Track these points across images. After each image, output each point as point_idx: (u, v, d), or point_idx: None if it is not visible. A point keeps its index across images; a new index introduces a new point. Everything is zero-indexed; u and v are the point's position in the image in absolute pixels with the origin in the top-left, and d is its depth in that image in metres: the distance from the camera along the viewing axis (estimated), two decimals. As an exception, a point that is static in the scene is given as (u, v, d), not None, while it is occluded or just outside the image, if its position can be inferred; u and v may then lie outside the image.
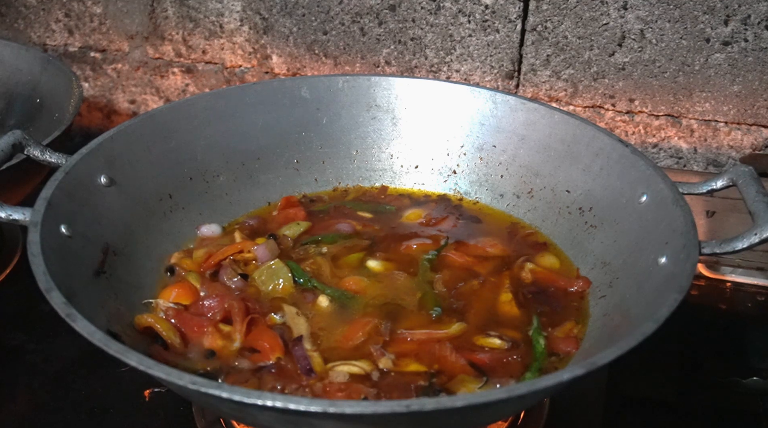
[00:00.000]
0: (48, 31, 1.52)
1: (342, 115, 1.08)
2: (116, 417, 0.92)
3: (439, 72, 1.33)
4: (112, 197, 0.89)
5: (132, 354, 0.63)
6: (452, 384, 0.77)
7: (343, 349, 0.81)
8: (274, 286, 0.89)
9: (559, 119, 0.99)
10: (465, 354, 0.80)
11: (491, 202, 1.05)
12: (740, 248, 0.78)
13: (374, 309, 0.87)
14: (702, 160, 1.29)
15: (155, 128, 0.97)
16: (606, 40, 1.23)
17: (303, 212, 1.02)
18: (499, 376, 0.78)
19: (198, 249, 0.94)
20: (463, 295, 0.89)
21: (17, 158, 0.89)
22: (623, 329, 0.76)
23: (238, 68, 1.44)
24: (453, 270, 0.93)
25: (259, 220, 1.01)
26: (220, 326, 0.83)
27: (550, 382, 0.62)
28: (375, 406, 0.60)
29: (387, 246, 0.97)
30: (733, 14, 1.17)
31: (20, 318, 1.06)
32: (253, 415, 0.65)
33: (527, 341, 0.83)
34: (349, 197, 1.07)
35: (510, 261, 0.95)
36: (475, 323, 0.85)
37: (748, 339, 1.07)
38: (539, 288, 0.91)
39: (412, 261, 0.94)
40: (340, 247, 0.96)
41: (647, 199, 0.87)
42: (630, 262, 0.86)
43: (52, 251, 0.74)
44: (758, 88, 1.21)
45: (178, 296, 0.86)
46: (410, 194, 1.08)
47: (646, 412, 0.96)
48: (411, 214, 1.04)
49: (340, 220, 1.01)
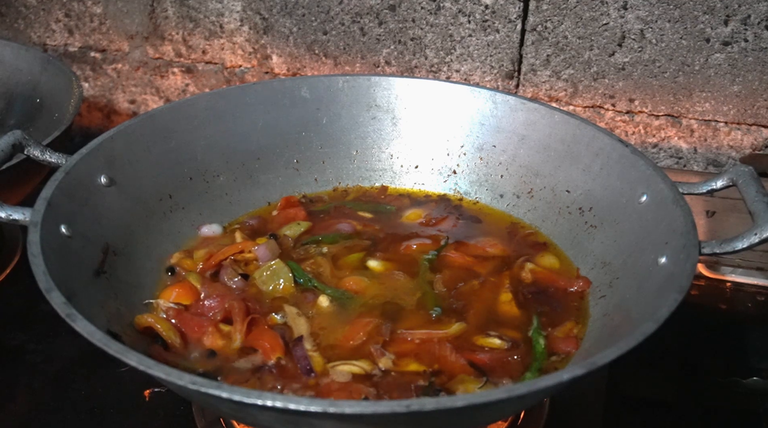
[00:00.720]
0: (48, 31, 1.52)
1: (342, 115, 1.08)
2: (116, 417, 0.92)
3: (439, 72, 1.33)
4: (112, 197, 0.89)
5: (132, 354, 0.63)
6: (452, 384, 0.77)
7: (344, 349, 0.81)
8: (274, 286, 0.89)
9: (559, 119, 0.99)
10: (465, 353, 0.80)
11: (491, 202, 1.05)
12: (740, 248, 0.78)
13: (374, 309, 0.87)
14: (702, 160, 1.29)
15: (155, 128, 0.97)
16: (606, 40, 1.23)
17: (303, 212, 1.02)
18: (499, 376, 0.78)
19: (199, 249, 0.94)
20: (463, 295, 0.89)
21: (17, 158, 0.89)
22: (623, 329, 0.76)
23: (238, 68, 1.44)
24: (453, 270, 0.93)
25: (259, 220, 1.01)
26: (221, 326, 0.83)
27: (550, 382, 0.62)
28: (375, 406, 0.60)
29: (387, 246, 0.97)
30: (733, 14, 1.17)
31: (20, 318, 1.05)
32: (253, 415, 0.65)
33: (527, 341, 0.83)
34: (350, 197, 1.07)
35: (510, 261, 0.95)
36: (475, 323, 0.85)
37: (748, 339, 1.06)
38: (539, 288, 0.91)
39: (412, 261, 0.94)
40: (340, 247, 0.96)
41: (647, 199, 0.87)
42: (630, 262, 0.86)
43: (52, 251, 0.74)
44: (758, 88, 1.21)
45: (178, 296, 0.86)
46: (410, 194, 1.08)
47: (646, 412, 0.96)
48: (411, 214, 1.04)
49: (341, 220, 1.01)
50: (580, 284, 0.90)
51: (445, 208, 1.05)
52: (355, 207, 1.04)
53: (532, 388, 0.62)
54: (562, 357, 0.81)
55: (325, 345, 0.82)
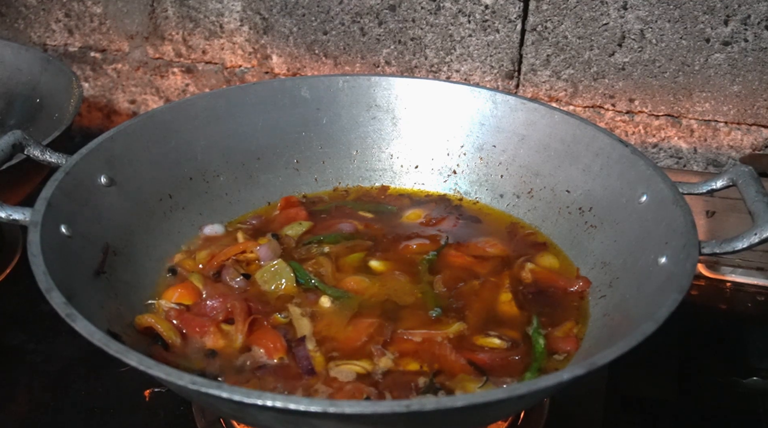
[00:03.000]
0: (48, 31, 1.52)
1: (342, 115, 1.08)
2: (116, 417, 0.92)
3: (439, 72, 1.33)
4: (112, 197, 0.89)
5: (132, 354, 0.63)
6: (452, 384, 0.77)
7: (345, 349, 0.81)
8: (276, 286, 0.89)
9: (559, 119, 0.99)
10: (465, 353, 0.80)
11: (491, 202, 1.05)
12: (740, 248, 0.78)
13: (375, 309, 0.87)
14: (702, 160, 1.29)
15: (155, 128, 0.97)
16: (606, 40, 1.23)
17: (304, 212, 1.02)
18: (499, 376, 0.78)
19: (201, 250, 0.94)
20: (463, 295, 0.89)
21: (17, 158, 0.89)
22: (623, 329, 0.76)
23: (238, 68, 1.44)
24: (453, 270, 0.93)
25: (261, 220, 1.01)
26: (222, 326, 0.83)
27: (550, 382, 0.62)
28: (375, 406, 0.60)
29: (387, 246, 0.97)
30: (733, 14, 1.17)
31: (20, 318, 1.05)
32: (253, 415, 0.65)
33: (527, 340, 0.83)
34: (350, 197, 1.07)
35: (510, 261, 0.95)
36: (475, 323, 0.85)
37: (748, 339, 1.06)
38: (539, 288, 0.91)
39: (412, 261, 0.94)
40: (342, 247, 0.96)
41: (647, 199, 0.87)
42: (630, 262, 0.86)
43: (52, 251, 0.74)
44: (758, 88, 1.21)
45: (180, 296, 0.86)
46: (411, 194, 1.08)
47: (646, 412, 0.96)
48: (411, 214, 1.04)
49: (342, 220, 1.01)
50: (580, 284, 0.90)
51: (445, 208, 1.05)
52: (356, 207, 1.04)
53: (532, 388, 0.62)
54: (562, 357, 0.81)
55: (326, 345, 0.82)
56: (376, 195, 1.08)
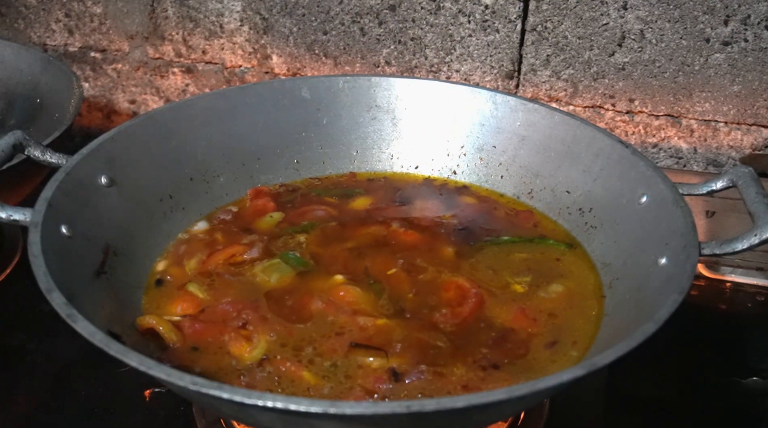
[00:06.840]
0: (48, 31, 1.52)
1: (342, 115, 1.08)
2: (116, 417, 0.92)
3: (439, 72, 1.33)
4: (112, 198, 0.89)
5: (132, 354, 0.63)
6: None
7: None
8: (277, 279, 0.89)
9: (559, 120, 0.99)
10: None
11: (491, 202, 1.05)
12: (740, 249, 0.78)
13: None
14: (702, 160, 1.29)
15: (155, 128, 0.97)
16: (606, 40, 1.23)
17: (272, 203, 1.01)
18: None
19: (189, 258, 0.92)
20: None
21: (17, 159, 0.89)
22: (623, 329, 0.76)
23: (238, 68, 1.44)
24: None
25: (233, 214, 1.00)
26: (241, 331, 0.81)
27: (550, 382, 0.62)
28: (375, 407, 0.60)
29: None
30: (733, 14, 1.17)
31: (20, 318, 1.06)
32: (253, 416, 0.65)
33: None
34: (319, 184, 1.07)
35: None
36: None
37: (748, 339, 1.07)
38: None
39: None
40: (320, 232, 0.96)
41: (647, 200, 0.87)
42: (630, 263, 0.86)
43: (53, 252, 0.74)
44: (758, 88, 1.21)
45: (184, 309, 0.85)
46: (383, 177, 1.08)
47: (646, 412, 0.96)
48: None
49: (312, 207, 1.01)
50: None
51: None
52: (322, 193, 1.04)
53: (532, 389, 0.62)
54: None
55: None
56: (344, 181, 1.07)
